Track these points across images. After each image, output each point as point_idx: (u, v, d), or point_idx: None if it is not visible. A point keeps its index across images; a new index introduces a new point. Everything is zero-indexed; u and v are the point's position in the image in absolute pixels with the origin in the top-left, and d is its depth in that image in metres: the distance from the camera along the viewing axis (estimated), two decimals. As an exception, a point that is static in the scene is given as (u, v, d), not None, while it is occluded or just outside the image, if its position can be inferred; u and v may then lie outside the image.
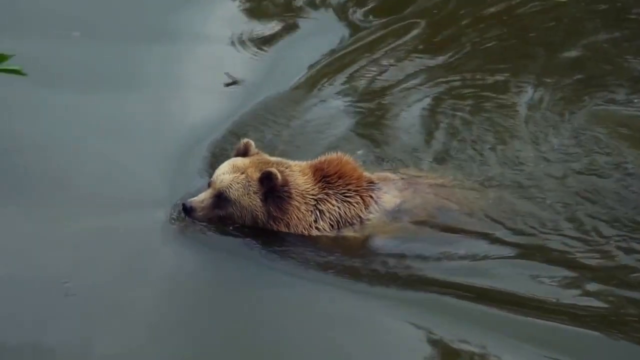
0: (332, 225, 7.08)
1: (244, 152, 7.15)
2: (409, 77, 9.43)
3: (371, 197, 7.17)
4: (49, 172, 7.69)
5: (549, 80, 9.20)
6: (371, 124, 8.66)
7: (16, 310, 6.24)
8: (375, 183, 7.26)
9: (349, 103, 9.01)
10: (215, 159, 7.72)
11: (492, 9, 10.68)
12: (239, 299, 6.60)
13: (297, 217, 7.01)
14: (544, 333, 6.17)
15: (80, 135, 8.27)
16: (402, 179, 7.36)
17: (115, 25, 10.09)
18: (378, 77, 9.46)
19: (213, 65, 9.56)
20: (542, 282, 6.64)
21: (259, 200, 6.95)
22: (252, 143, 7.17)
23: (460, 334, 6.20)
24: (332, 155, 7.24)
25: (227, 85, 9.16)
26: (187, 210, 6.94)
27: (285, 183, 6.96)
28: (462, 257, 6.90)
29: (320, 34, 10.30)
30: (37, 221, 7.15)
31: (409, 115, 8.77)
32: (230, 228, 7.06)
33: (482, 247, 6.98)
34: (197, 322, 6.32)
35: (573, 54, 9.74)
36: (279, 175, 6.91)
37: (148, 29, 10.02)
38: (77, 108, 8.66)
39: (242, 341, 6.19)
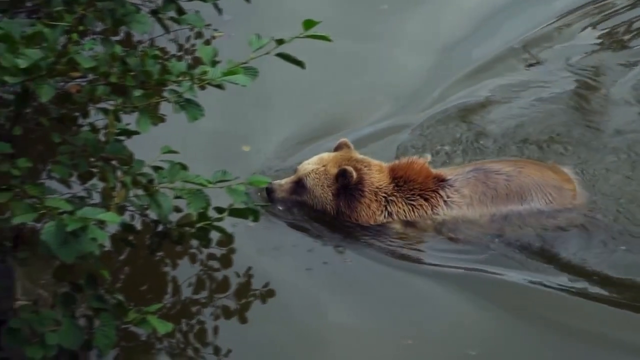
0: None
1: (338, 149, 7.52)
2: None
3: (440, 196, 7.32)
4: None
5: None
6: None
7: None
8: (445, 180, 7.37)
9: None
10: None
11: None
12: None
13: (366, 214, 7.29)
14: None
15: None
16: (477, 171, 7.35)
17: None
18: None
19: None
20: None
21: (330, 194, 7.30)
22: (348, 142, 7.51)
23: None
24: (406, 158, 7.49)
25: (529, 65, 9.28)
26: (268, 191, 7.38)
27: (360, 181, 7.25)
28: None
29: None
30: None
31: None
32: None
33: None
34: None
35: None
36: (354, 174, 7.20)
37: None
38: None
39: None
